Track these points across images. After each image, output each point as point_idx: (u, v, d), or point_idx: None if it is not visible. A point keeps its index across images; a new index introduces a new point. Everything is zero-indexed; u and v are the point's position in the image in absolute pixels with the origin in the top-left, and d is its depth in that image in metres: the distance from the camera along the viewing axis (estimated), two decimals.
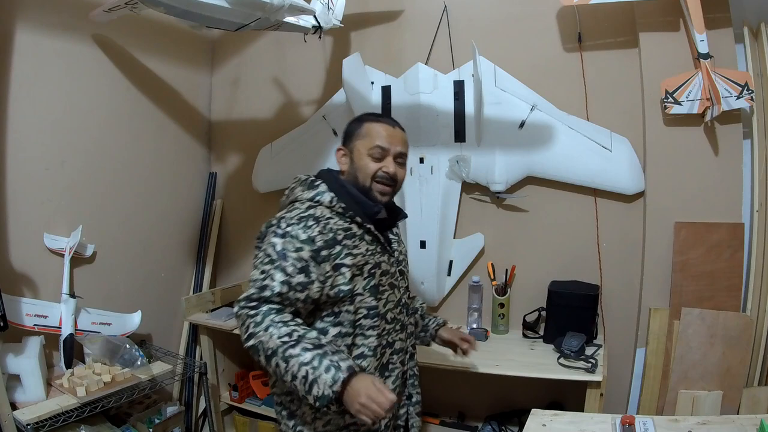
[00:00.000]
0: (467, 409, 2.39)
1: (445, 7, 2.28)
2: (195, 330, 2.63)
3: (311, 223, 1.25)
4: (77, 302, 2.03)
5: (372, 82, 2.32)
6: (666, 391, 1.87)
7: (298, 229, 1.23)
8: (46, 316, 1.94)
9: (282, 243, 1.22)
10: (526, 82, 2.15)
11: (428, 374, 1.78)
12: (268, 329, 1.16)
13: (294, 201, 1.34)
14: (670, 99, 1.87)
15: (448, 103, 2.21)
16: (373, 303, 1.31)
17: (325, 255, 1.24)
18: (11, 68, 1.94)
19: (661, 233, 1.97)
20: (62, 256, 2.08)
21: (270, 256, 1.22)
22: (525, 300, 2.22)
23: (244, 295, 1.21)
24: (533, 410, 1.44)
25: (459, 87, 2.19)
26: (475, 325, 2.26)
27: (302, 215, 1.27)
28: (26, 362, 1.77)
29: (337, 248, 1.26)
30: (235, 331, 2.36)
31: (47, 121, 2.07)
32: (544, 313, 2.15)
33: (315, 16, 2.11)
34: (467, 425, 2.34)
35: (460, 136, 2.21)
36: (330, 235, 1.26)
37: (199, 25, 1.83)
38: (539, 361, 1.93)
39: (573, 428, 1.33)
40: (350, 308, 1.29)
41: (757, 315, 1.83)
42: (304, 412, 1.32)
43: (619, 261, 2.13)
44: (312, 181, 1.36)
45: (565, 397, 2.10)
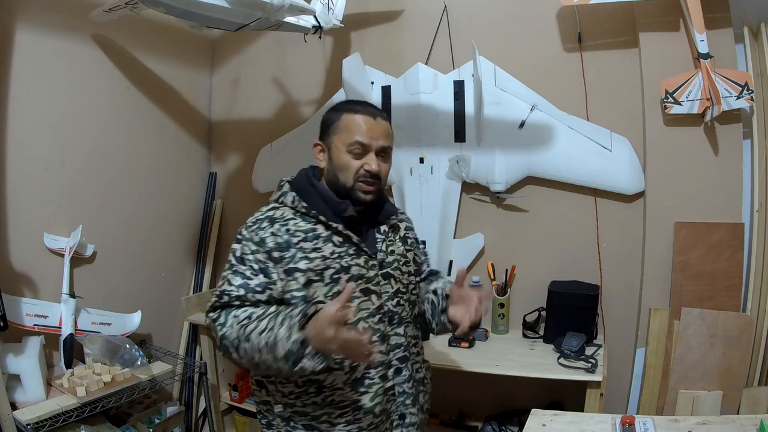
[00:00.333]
0: (467, 409, 2.39)
1: (445, 7, 2.28)
2: (195, 330, 2.63)
3: (264, 225, 1.22)
4: (77, 302, 2.03)
5: (372, 82, 2.32)
6: (666, 391, 1.87)
7: (251, 233, 1.22)
8: (46, 316, 1.95)
9: (240, 248, 1.22)
10: (526, 82, 2.15)
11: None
12: (231, 325, 1.15)
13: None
14: (670, 99, 1.87)
15: (448, 103, 2.21)
16: None
17: (277, 257, 1.19)
18: (11, 68, 1.94)
19: (661, 233, 1.97)
20: (62, 256, 2.08)
21: (230, 261, 1.23)
22: (525, 300, 2.22)
23: (208, 305, 1.21)
24: (533, 410, 1.44)
25: (459, 87, 2.19)
26: None
27: (259, 218, 1.25)
28: (26, 362, 1.77)
29: (291, 251, 1.19)
30: None
31: (47, 121, 2.07)
32: (544, 313, 2.15)
33: (315, 16, 2.11)
34: (467, 425, 2.34)
35: (460, 136, 2.21)
36: (284, 238, 1.19)
37: (199, 25, 1.83)
38: (539, 361, 1.92)
39: (573, 428, 1.32)
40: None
41: (757, 315, 1.83)
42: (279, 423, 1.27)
43: (619, 261, 2.13)
44: (280, 181, 1.32)
45: (565, 397, 2.10)
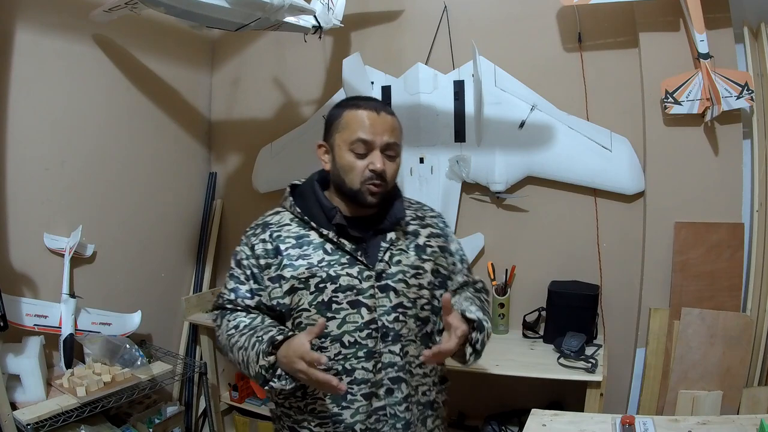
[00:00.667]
0: (467, 409, 2.38)
1: (445, 7, 2.28)
2: (195, 330, 2.63)
3: (258, 231, 1.23)
4: (77, 302, 2.03)
5: (372, 82, 2.32)
6: (666, 391, 1.87)
7: (248, 238, 1.24)
8: (46, 316, 1.95)
9: (239, 251, 1.24)
10: (526, 82, 2.15)
11: None
12: (223, 331, 1.21)
13: None
14: (670, 99, 1.87)
15: (448, 103, 2.21)
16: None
17: (264, 264, 1.19)
18: (11, 68, 1.94)
19: (661, 233, 1.97)
20: (62, 256, 2.08)
21: (231, 264, 1.25)
22: (525, 300, 2.22)
23: (213, 304, 1.25)
24: (533, 410, 1.43)
25: (459, 87, 2.19)
26: None
27: (257, 223, 1.26)
28: (26, 362, 1.77)
29: (278, 258, 1.18)
30: None
31: (47, 121, 2.07)
32: (544, 313, 2.15)
33: (315, 16, 2.11)
34: (467, 425, 2.34)
35: (460, 136, 2.21)
36: (273, 245, 1.19)
37: (199, 25, 1.83)
38: (539, 361, 1.92)
39: (573, 428, 1.32)
40: (292, 323, 1.20)
41: (757, 315, 1.83)
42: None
43: (619, 261, 2.13)
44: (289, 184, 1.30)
45: (565, 397, 2.10)
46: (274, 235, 1.20)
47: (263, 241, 1.20)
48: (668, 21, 1.92)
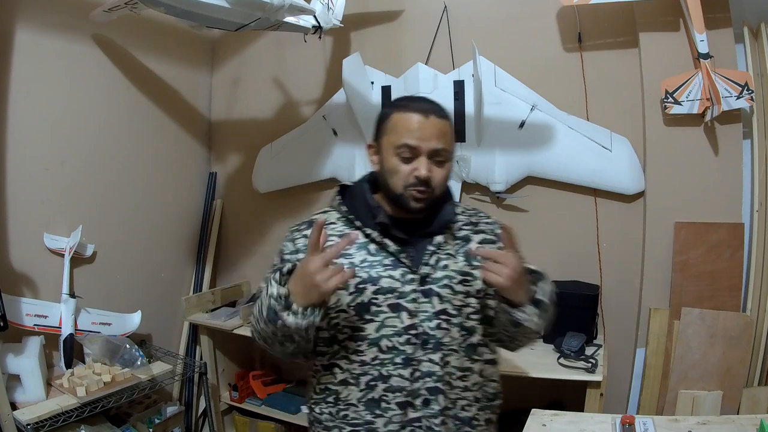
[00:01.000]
0: None
1: (445, 7, 2.28)
2: (195, 330, 2.62)
3: (303, 227, 1.22)
4: (77, 302, 2.03)
5: (372, 82, 2.32)
6: (666, 391, 1.87)
7: (292, 233, 1.23)
8: (46, 316, 1.95)
9: (283, 246, 1.22)
10: (526, 82, 2.15)
11: None
12: (253, 314, 1.15)
13: None
14: (670, 99, 1.87)
15: (448, 103, 2.19)
16: (359, 324, 1.12)
17: None
18: (11, 68, 1.94)
19: (661, 233, 1.97)
20: (62, 256, 2.08)
21: (276, 257, 1.23)
22: None
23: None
24: (533, 410, 1.43)
25: (459, 87, 2.19)
26: None
27: (305, 221, 1.24)
28: (26, 362, 1.77)
29: None
30: (235, 331, 2.37)
31: (47, 121, 2.07)
32: None
33: (315, 16, 2.11)
34: None
35: (460, 136, 2.20)
36: None
37: (199, 25, 1.83)
38: (539, 361, 1.92)
39: (573, 428, 1.32)
40: (328, 323, 1.15)
41: (757, 315, 1.83)
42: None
43: (619, 261, 2.13)
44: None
45: (565, 397, 2.09)
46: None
47: (306, 237, 1.17)
48: (668, 21, 1.92)
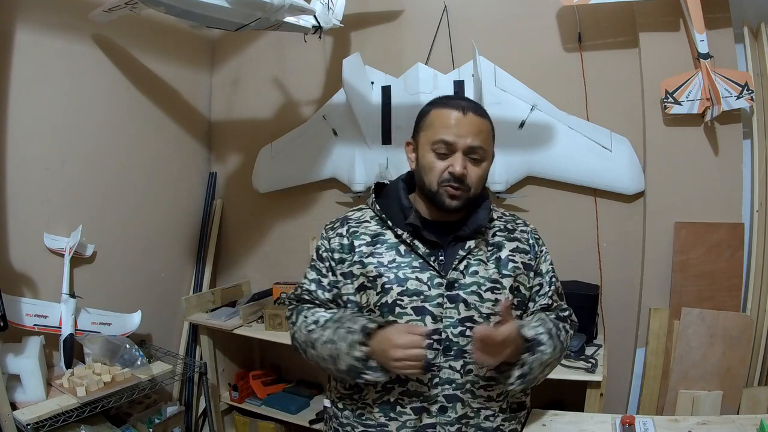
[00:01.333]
0: None
1: (445, 7, 2.28)
2: (195, 330, 2.62)
3: (336, 225, 1.23)
4: (77, 302, 2.03)
5: (372, 82, 2.32)
6: (666, 391, 1.87)
7: (328, 231, 1.24)
8: (46, 316, 1.95)
9: (320, 245, 1.24)
10: (526, 82, 2.15)
11: None
12: (300, 327, 1.18)
13: None
14: (670, 99, 1.87)
15: None
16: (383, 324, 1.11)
17: (338, 259, 1.19)
18: (11, 68, 1.94)
19: (661, 233, 1.97)
20: (62, 256, 2.08)
21: (312, 256, 1.25)
22: None
23: (286, 296, 1.24)
24: (533, 410, 1.43)
25: (459, 87, 2.19)
26: None
27: (339, 218, 1.25)
28: (26, 362, 1.77)
29: (351, 254, 1.17)
30: (235, 331, 2.37)
31: (47, 121, 2.07)
32: None
33: (315, 16, 2.11)
34: None
35: None
36: (348, 240, 1.18)
37: (199, 25, 1.83)
38: None
39: (573, 428, 1.32)
40: None
41: (757, 315, 1.83)
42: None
43: (619, 261, 2.13)
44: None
45: (565, 397, 2.09)
46: (351, 231, 1.19)
47: (340, 235, 1.20)
48: (668, 21, 1.92)
